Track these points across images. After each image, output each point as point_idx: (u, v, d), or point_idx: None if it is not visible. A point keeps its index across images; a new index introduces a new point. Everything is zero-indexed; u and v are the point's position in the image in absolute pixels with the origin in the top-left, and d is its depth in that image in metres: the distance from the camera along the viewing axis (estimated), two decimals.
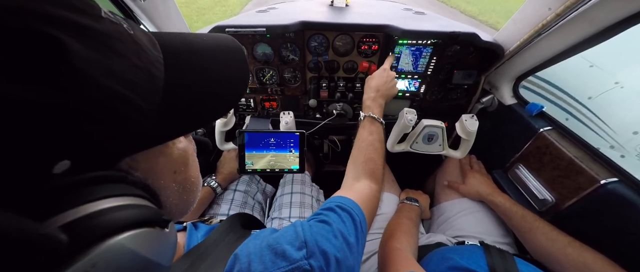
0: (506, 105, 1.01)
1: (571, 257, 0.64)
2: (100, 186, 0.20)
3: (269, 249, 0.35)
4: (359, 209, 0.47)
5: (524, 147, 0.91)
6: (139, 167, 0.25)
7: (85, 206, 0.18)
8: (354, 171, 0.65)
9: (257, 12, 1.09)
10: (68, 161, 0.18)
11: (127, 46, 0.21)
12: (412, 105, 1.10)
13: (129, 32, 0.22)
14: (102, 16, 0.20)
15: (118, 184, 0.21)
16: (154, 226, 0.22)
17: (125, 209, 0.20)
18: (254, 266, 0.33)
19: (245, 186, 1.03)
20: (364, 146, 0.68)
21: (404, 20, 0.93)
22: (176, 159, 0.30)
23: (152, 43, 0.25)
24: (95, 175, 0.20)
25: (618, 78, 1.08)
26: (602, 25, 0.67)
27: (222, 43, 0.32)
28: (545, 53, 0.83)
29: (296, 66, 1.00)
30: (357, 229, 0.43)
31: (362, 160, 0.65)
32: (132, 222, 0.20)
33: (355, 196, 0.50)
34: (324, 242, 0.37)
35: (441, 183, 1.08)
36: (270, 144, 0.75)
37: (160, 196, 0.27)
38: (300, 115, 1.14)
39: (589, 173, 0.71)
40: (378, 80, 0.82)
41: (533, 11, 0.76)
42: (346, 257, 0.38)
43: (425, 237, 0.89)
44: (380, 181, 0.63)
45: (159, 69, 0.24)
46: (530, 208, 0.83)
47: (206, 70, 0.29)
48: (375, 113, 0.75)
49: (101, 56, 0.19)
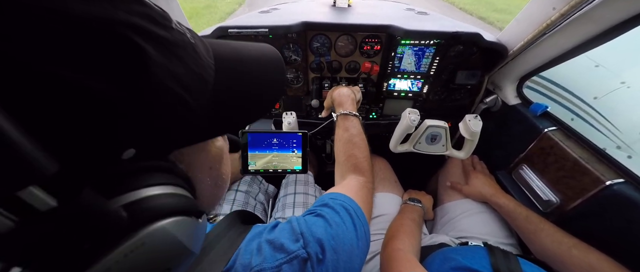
0: (510, 106, 1.00)
1: (576, 259, 0.63)
2: (154, 174, 0.22)
3: (268, 243, 0.38)
4: (351, 200, 0.49)
5: (528, 148, 0.90)
6: (184, 160, 0.28)
7: (142, 190, 0.21)
8: (340, 171, 0.67)
9: (260, 13, 1.09)
10: (134, 149, 0.21)
11: (188, 53, 0.24)
12: (414, 105, 1.10)
13: (191, 42, 0.25)
14: (172, 27, 0.23)
15: (167, 174, 0.24)
16: (192, 215, 0.24)
17: (171, 197, 0.23)
18: (255, 259, 0.35)
19: (247, 187, 1.03)
20: (341, 144, 0.70)
21: (407, 21, 0.93)
22: (214, 156, 0.33)
23: (207, 50, 0.28)
24: (152, 164, 0.23)
25: (624, 78, 1.06)
26: (607, 24, 0.66)
27: (264, 52, 0.36)
28: (549, 53, 0.82)
29: (298, 67, 1.01)
30: (353, 218, 0.45)
31: (343, 159, 0.66)
32: (176, 210, 0.22)
33: (344, 190, 0.52)
34: (319, 231, 0.39)
35: (444, 184, 1.07)
36: (272, 144, 0.75)
37: (196, 188, 0.29)
38: (302, 115, 1.14)
39: (594, 174, 0.70)
40: (335, 88, 0.87)
41: (537, 11, 0.76)
42: (343, 243, 0.39)
43: (428, 238, 0.89)
44: (366, 171, 0.64)
45: (210, 74, 0.27)
46: (535, 209, 0.83)
47: (249, 75, 0.32)
48: (347, 109, 0.75)
49: (168, 62, 0.22)
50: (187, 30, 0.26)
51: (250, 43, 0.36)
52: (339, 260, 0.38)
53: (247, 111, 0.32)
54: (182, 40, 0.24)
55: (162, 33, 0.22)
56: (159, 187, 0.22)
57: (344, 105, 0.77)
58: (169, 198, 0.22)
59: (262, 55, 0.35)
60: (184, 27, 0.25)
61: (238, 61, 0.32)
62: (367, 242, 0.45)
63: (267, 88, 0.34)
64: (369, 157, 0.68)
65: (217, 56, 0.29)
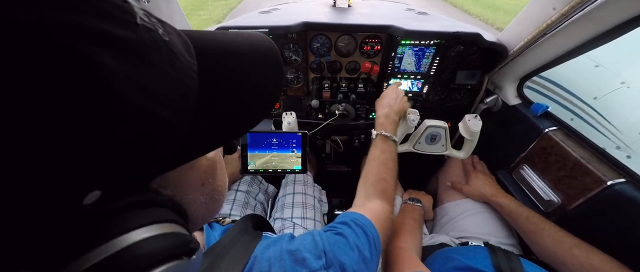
0: (510, 106, 1.00)
1: (578, 259, 0.63)
2: (130, 214, 0.18)
3: (289, 254, 0.37)
4: (373, 226, 0.47)
5: (529, 148, 0.90)
6: (169, 184, 0.24)
7: (113, 242, 0.16)
8: (365, 190, 0.63)
9: (260, 13, 1.09)
10: (98, 190, 0.16)
11: (162, 55, 0.19)
12: (414, 105, 1.09)
13: (165, 39, 0.19)
14: (137, 23, 0.17)
15: (147, 209, 0.20)
16: (181, 257, 0.20)
17: (155, 241, 0.18)
18: (274, 269, 0.35)
19: (247, 186, 1.03)
20: (375, 165, 0.67)
21: (407, 21, 0.93)
22: (205, 171, 0.29)
23: (187, 47, 0.22)
24: (125, 202, 0.18)
25: (624, 78, 1.07)
26: (607, 25, 0.66)
27: (257, 44, 0.29)
28: (549, 53, 0.82)
29: (299, 67, 1.00)
30: (371, 245, 0.44)
31: (373, 180, 0.64)
32: (162, 257, 0.18)
33: (368, 214, 0.50)
34: (342, 254, 0.38)
35: (444, 184, 1.07)
36: (272, 144, 0.75)
37: (188, 212, 0.26)
38: (302, 115, 1.14)
39: (595, 174, 0.70)
40: (389, 97, 0.82)
41: (537, 11, 0.76)
42: (361, 270, 0.38)
43: (428, 238, 0.88)
44: (392, 201, 0.62)
45: (193, 77, 0.21)
46: (536, 209, 0.82)
47: (240, 76, 0.26)
48: (388, 131, 0.73)
49: (135, 71, 0.16)
50: (159, 24, 0.20)
51: (241, 32, 0.30)
52: None
53: (240, 118, 0.26)
54: (152, 39, 0.18)
55: (120, 33, 0.16)
56: (137, 232, 0.17)
57: (386, 127, 0.74)
58: (153, 243, 0.18)
59: (252, 48, 0.28)
60: (154, 20, 0.19)
61: (226, 56, 0.25)
62: (376, 267, 0.45)
63: (261, 87, 0.28)
64: (395, 186, 0.66)
65: (199, 52, 0.22)
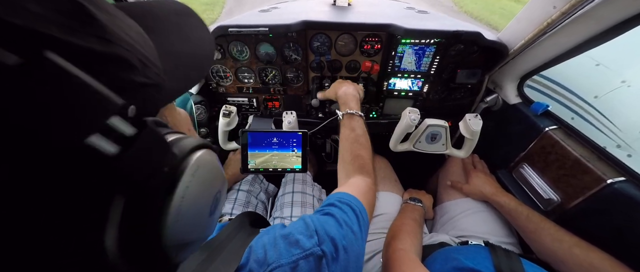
0: (511, 105, 1.00)
1: (578, 257, 0.63)
2: (162, 126, 0.24)
3: (283, 238, 0.38)
4: (357, 201, 0.49)
5: (529, 147, 0.90)
6: (167, 120, 0.31)
7: (168, 135, 0.23)
8: (345, 170, 0.66)
9: (260, 12, 1.09)
10: (134, 106, 0.20)
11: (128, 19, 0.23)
12: (415, 104, 1.09)
13: None
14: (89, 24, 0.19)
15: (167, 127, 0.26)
16: (211, 148, 0.27)
17: (188, 138, 0.24)
18: (270, 254, 0.36)
19: (249, 186, 1.03)
20: (348, 144, 0.69)
21: (407, 19, 0.93)
22: (185, 118, 0.38)
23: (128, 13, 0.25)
24: (155, 119, 0.24)
25: (625, 77, 1.06)
26: (608, 23, 0.66)
27: (176, 7, 0.35)
28: (550, 52, 0.82)
29: (299, 66, 1.00)
30: (359, 218, 0.46)
31: (350, 158, 0.66)
32: (201, 144, 0.25)
33: (351, 190, 0.53)
34: (332, 230, 0.40)
35: (444, 183, 1.07)
36: (272, 143, 0.75)
37: None
38: (302, 115, 1.14)
39: (595, 172, 0.70)
40: (337, 83, 0.88)
41: (538, 9, 0.76)
42: (352, 243, 0.41)
43: (428, 237, 0.89)
44: (372, 173, 0.64)
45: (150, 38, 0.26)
46: (536, 208, 0.83)
47: (178, 32, 0.32)
48: (352, 108, 0.75)
49: (117, 20, 0.20)
50: None
51: (152, 1, 0.35)
52: (349, 259, 0.39)
53: (191, 66, 0.32)
54: None
55: (73, 40, 0.15)
56: (173, 134, 0.24)
57: (350, 104, 0.77)
58: (188, 138, 0.24)
59: (176, 10, 0.34)
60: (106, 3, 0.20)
61: (154, 19, 0.30)
62: (365, 243, 0.47)
63: (196, 40, 0.34)
64: (372, 158, 0.68)
65: (134, 19, 0.24)
